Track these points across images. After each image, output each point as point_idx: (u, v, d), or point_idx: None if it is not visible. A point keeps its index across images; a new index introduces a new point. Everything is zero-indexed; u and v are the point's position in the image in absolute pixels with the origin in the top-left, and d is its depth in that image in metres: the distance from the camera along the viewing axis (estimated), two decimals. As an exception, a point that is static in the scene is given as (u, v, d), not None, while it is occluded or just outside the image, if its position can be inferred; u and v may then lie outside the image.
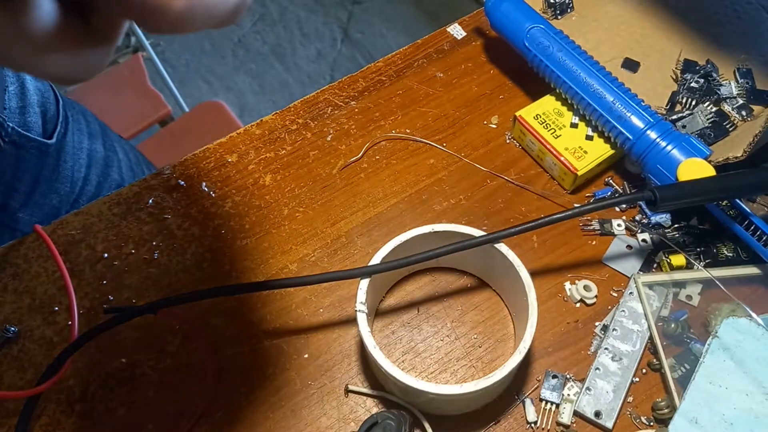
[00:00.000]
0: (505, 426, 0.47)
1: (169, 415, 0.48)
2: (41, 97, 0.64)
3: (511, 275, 0.46)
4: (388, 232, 0.55)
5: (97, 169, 0.71)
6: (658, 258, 0.52)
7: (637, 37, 0.63)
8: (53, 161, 0.65)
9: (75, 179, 0.68)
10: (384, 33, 1.96)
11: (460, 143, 0.60)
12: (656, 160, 0.51)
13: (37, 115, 0.62)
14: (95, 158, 0.71)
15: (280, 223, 0.56)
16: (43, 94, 0.64)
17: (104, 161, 0.72)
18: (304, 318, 0.51)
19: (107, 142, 0.74)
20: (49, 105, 0.65)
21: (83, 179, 0.69)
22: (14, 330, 0.51)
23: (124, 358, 0.50)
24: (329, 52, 1.94)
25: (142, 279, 0.53)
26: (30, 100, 0.62)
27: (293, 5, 2.04)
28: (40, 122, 0.63)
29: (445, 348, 0.50)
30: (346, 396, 0.48)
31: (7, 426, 0.47)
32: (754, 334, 0.46)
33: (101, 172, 0.72)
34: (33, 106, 0.62)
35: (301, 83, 1.87)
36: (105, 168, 0.72)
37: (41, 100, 0.63)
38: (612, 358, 0.48)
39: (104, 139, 0.74)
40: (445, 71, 0.64)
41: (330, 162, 0.59)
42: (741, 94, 0.58)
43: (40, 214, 0.65)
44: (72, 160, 0.67)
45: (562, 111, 0.58)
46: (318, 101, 0.63)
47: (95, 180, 0.71)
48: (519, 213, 0.56)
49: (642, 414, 0.46)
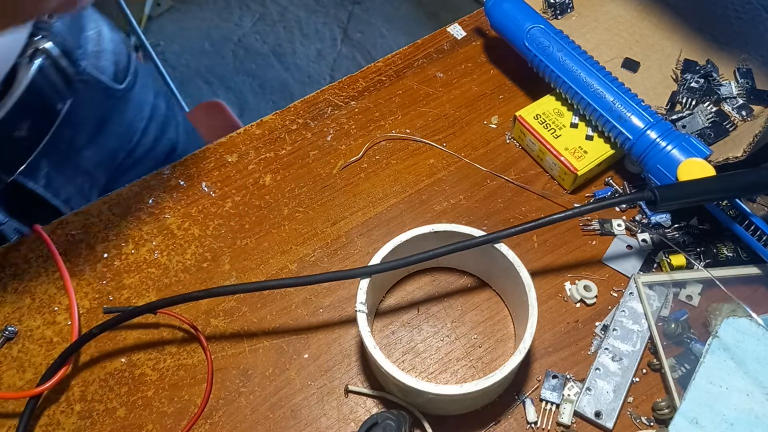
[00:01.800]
0: (505, 426, 0.47)
1: (169, 415, 0.48)
2: (116, 47, 0.68)
3: (511, 275, 0.46)
4: (388, 232, 0.55)
5: (157, 124, 0.75)
6: (658, 258, 0.52)
7: (637, 37, 0.63)
8: (118, 107, 0.68)
9: (135, 129, 0.72)
10: (384, 33, 1.96)
11: (460, 143, 0.60)
12: (656, 160, 0.51)
13: (110, 62, 0.66)
14: (156, 114, 0.75)
15: (280, 223, 0.56)
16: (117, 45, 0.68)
17: (164, 118, 0.77)
18: (304, 318, 0.51)
19: (170, 103, 0.79)
20: (122, 57, 0.69)
21: (142, 130, 0.73)
22: (14, 330, 0.51)
23: (124, 358, 0.50)
24: (329, 52, 1.94)
25: (142, 279, 0.53)
26: (105, 46, 0.65)
27: (293, 5, 2.05)
28: (113, 69, 0.67)
29: (445, 348, 0.50)
30: (346, 396, 0.48)
31: (7, 426, 0.47)
32: (754, 334, 0.46)
33: (159, 128, 0.76)
34: (107, 53, 0.66)
35: (301, 83, 1.87)
36: (163, 125, 0.76)
37: (115, 49, 0.67)
38: (612, 358, 0.48)
39: (167, 100, 0.79)
40: (445, 71, 0.64)
41: (330, 162, 0.59)
42: (741, 94, 0.58)
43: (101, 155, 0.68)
44: (135, 110, 0.71)
45: (562, 111, 0.58)
46: (318, 101, 0.63)
47: (153, 134, 0.75)
48: (519, 213, 0.56)
49: (642, 414, 0.46)
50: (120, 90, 0.68)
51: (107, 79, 0.66)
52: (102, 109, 0.67)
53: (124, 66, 0.69)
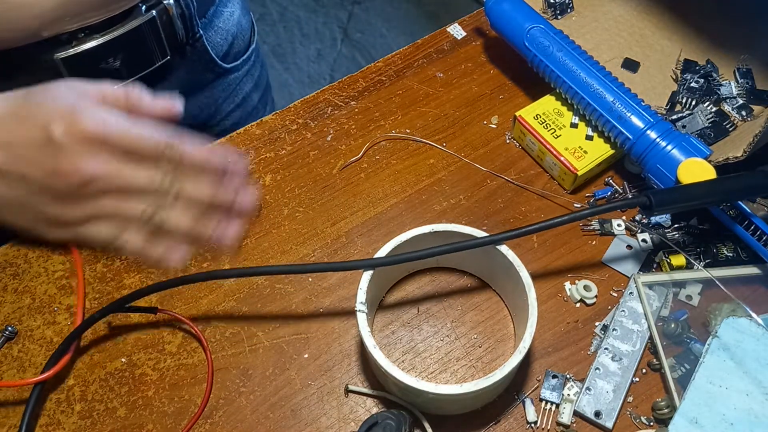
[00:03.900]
0: (505, 426, 0.47)
1: (169, 415, 0.48)
2: (240, 31, 0.69)
3: (511, 275, 0.46)
4: (388, 232, 0.55)
5: (242, 114, 0.76)
6: (658, 258, 0.52)
7: (637, 37, 0.63)
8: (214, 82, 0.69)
9: (221, 109, 0.73)
10: (384, 33, 1.96)
11: (460, 143, 0.60)
12: (656, 160, 0.51)
13: (227, 43, 0.67)
14: (246, 105, 0.76)
15: (280, 223, 0.56)
16: (243, 30, 0.70)
17: (251, 111, 0.77)
18: (304, 318, 0.51)
19: (263, 98, 0.80)
20: (241, 42, 0.70)
21: (227, 113, 0.74)
22: (14, 330, 0.51)
23: (125, 358, 0.50)
24: (329, 52, 1.94)
25: (142, 279, 0.53)
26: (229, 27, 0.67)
27: (293, 5, 2.04)
28: (225, 49, 0.67)
29: (445, 348, 0.50)
30: (346, 396, 0.48)
31: (7, 427, 0.47)
32: (754, 334, 0.46)
33: (243, 117, 0.76)
34: (228, 34, 0.67)
35: (301, 83, 1.87)
36: (248, 117, 0.77)
37: (238, 33, 0.69)
38: (612, 358, 0.48)
39: (263, 95, 0.80)
40: (445, 71, 0.64)
41: (330, 162, 0.59)
42: (741, 94, 0.58)
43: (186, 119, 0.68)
44: (228, 92, 0.72)
45: (562, 111, 0.58)
46: (318, 101, 0.63)
47: (233, 120, 0.75)
48: (519, 213, 0.56)
49: (642, 414, 0.46)
50: (222, 68, 0.68)
51: (215, 55, 0.66)
52: (197, 77, 0.67)
53: (239, 50, 0.70)
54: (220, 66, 0.67)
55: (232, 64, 0.69)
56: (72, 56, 0.52)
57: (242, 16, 0.70)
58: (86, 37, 0.52)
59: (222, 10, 0.65)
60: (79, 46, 0.52)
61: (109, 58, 0.54)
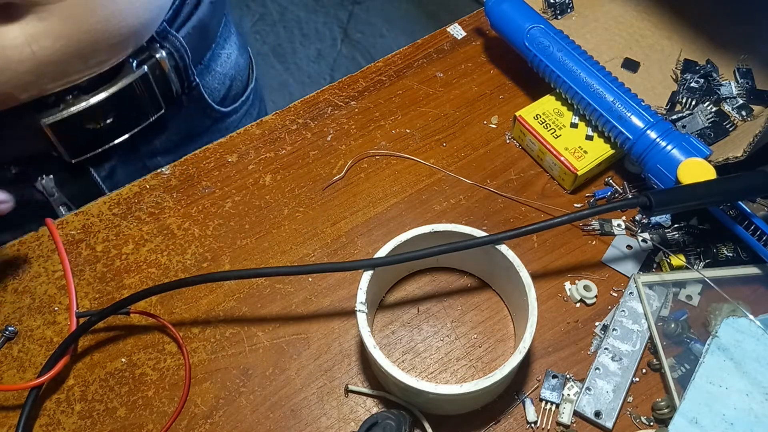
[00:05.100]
0: (505, 426, 0.47)
1: (169, 415, 0.48)
2: (238, 73, 0.66)
3: (511, 275, 0.46)
4: (388, 232, 0.55)
5: None
6: (658, 258, 0.52)
7: (637, 37, 0.63)
8: (212, 126, 0.66)
9: None
10: (384, 33, 1.96)
11: (460, 143, 0.60)
12: (656, 160, 0.51)
13: (224, 87, 0.65)
14: None
15: (280, 223, 0.56)
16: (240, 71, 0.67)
17: None
18: (304, 318, 0.51)
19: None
20: (239, 83, 0.67)
21: None
22: (14, 330, 0.51)
23: (125, 358, 0.50)
24: (329, 52, 1.94)
25: (142, 279, 0.53)
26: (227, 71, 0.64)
27: (293, 5, 2.04)
28: (223, 93, 0.65)
29: (445, 348, 0.50)
30: (346, 396, 0.48)
31: (6, 427, 0.47)
32: (753, 334, 0.46)
33: None
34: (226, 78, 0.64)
35: (301, 83, 1.87)
36: None
37: (236, 75, 0.66)
38: (612, 358, 0.48)
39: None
40: (445, 71, 0.64)
41: (330, 162, 0.59)
42: (741, 94, 0.58)
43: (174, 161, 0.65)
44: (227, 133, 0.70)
45: (562, 111, 0.58)
46: (318, 101, 0.63)
47: None
48: (519, 213, 0.56)
49: (642, 414, 0.46)
50: (220, 112, 0.66)
51: (212, 101, 0.64)
52: (195, 125, 0.64)
53: (237, 93, 0.67)
54: (218, 111, 0.65)
55: (230, 107, 0.67)
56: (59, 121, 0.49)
57: (240, 56, 0.67)
58: (74, 99, 0.50)
59: (219, 53, 0.63)
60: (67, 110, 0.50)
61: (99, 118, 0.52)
